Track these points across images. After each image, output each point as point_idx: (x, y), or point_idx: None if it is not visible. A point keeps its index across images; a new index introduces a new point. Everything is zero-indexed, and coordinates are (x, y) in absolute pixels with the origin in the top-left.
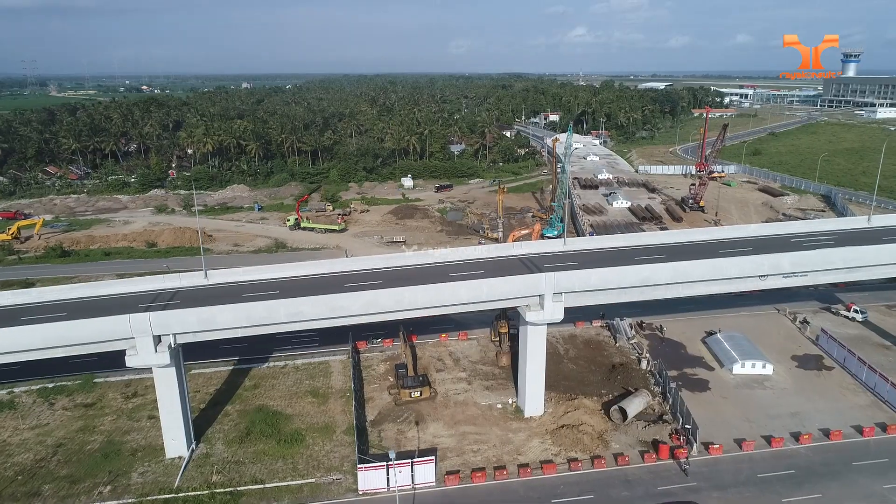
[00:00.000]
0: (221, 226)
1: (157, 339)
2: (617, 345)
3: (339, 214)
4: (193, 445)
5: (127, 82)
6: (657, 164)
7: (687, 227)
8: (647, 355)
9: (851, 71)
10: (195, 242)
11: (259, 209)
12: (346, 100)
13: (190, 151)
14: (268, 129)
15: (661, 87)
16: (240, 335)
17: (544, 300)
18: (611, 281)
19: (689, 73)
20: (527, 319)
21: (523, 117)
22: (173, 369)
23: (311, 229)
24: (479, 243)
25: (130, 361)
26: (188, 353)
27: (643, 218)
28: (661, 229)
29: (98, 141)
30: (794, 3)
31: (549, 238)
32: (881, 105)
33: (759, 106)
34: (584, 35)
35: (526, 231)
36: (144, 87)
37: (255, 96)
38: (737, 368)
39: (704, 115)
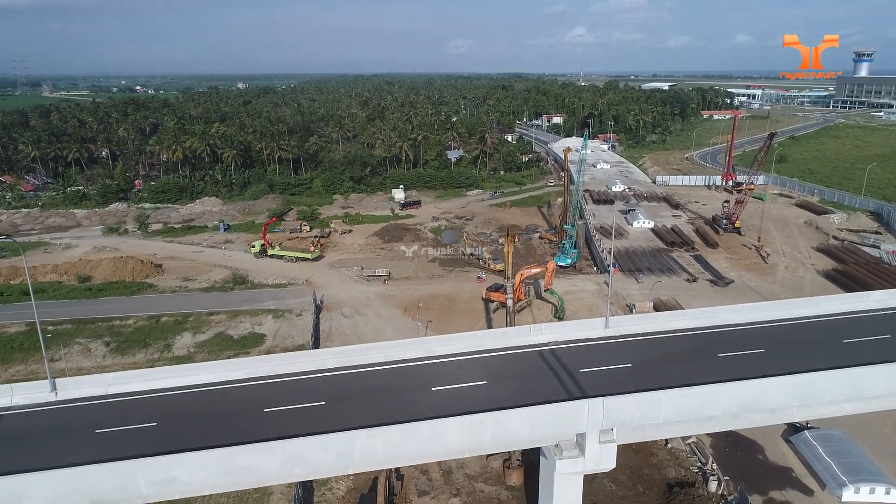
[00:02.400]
0: (177, 251)
1: None
2: (669, 447)
3: (316, 237)
4: None
5: (123, 82)
6: (674, 172)
7: (724, 253)
8: (716, 469)
9: (864, 71)
10: (138, 276)
11: (225, 229)
12: (339, 101)
13: (165, 158)
14: (247, 134)
15: (666, 88)
16: None
17: (585, 440)
18: (692, 410)
19: (690, 73)
20: (558, 469)
21: (525, 119)
22: None
23: (280, 257)
24: (479, 278)
25: None
26: None
27: (672, 243)
28: (695, 257)
29: (60, 147)
30: (793, 3)
31: (563, 267)
32: None
33: (768, 107)
34: (583, 35)
35: (537, 270)
36: (138, 87)
37: (244, 97)
38: (848, 495)
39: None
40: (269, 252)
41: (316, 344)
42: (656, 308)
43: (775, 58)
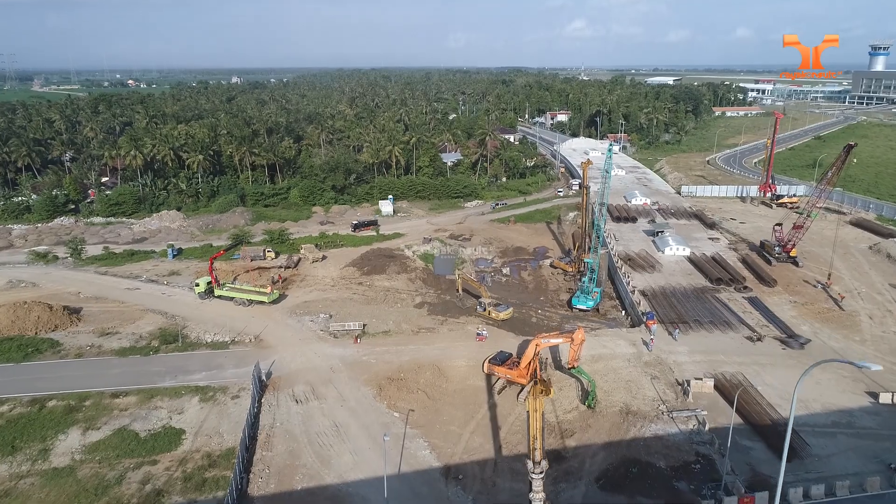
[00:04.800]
0: (107, 288)
1: None
2: None
3: (280, 267)
4: None
5: (117, 76)
6: (699, 180)
7: (785, 294)
8: None
9: (880, 65)
10: (44, 328)
11: (174, 255)
12: (329, 97)
13: (124, 164)
14: (217, 137)
15: (671, 82)
16: None
17: None
18: None
19: (692, 67)
20: None
21: (527, 117)
22: None
23: (230, 299)
24: (479, 335)
25: None
26: None
27: (718, 280)
28: (749, 300)
29: (7, 151)
30: None
31: (583, 311)
32: None
33: (780, 103)
34: (583, 28)
35: (559, 340)
36: (131, 81)
37: (229, 93)
38: None
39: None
40: (217, 293)
41: (251, 448)
42: (719, 388)
43: (776, 52)
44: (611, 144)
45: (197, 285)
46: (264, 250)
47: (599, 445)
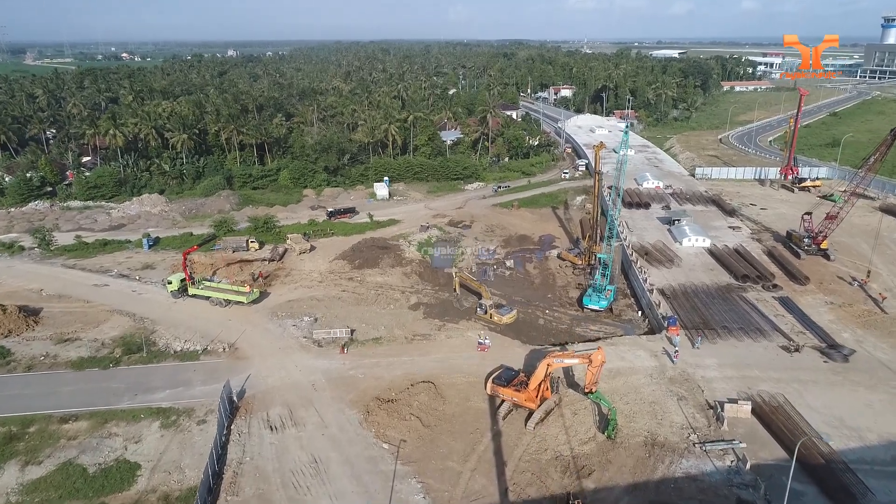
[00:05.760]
0: (73, 284)
1: None
2: None
3: (263, 260)
4: None
5: (112, 49)
6: (712, 161)
7: (818, 293)
8: None
9: (893, 37)
10: None
11: (150, 246)
12: (326, 71)
13: (106, 144)
14: (204, 114)
15: (676, 56)
16: None
17: None
18: None
19: (696, 39)
20: None
21: (529, 92)
22: None
23: (206, 298)
24: (480, 344)
25: None
26: None
27: (745, 277)
28: (780, 300)
29: None
30: None
31: (595, 311)
32: None
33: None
34: (585, 0)
35: (573, 360)
36: (125, 54)
37: (221, 67)
38: None
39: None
40: (191, 291)
41: (214, 490)
42: (758, 413)
43: (782, 24)
44: (626, 127)
45: (169, 283)
46: (247, 240)
47: (623, 488)
